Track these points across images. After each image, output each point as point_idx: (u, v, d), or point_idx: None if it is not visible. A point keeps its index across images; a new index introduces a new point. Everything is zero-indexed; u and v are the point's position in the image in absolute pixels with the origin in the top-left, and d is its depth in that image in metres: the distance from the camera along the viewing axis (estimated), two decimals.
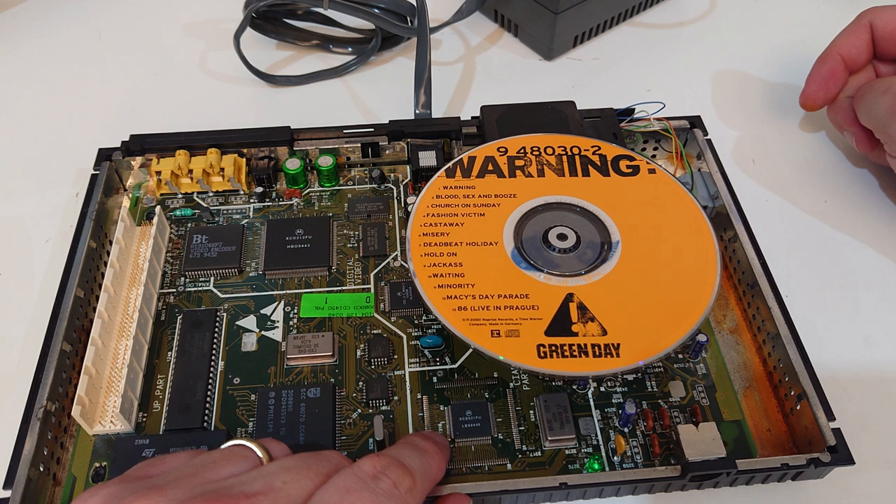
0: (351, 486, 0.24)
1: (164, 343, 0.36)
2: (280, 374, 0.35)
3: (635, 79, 0.52)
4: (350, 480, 0.24)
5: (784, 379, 0.33)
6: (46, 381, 0.32)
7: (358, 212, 0.41)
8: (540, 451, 0.32)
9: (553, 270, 0.34)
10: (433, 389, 0.34)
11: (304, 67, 0.53)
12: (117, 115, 0.49)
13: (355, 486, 0.24)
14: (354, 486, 0.24)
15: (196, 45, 0.55)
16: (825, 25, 0.57)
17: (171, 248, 0.40)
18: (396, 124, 0.43)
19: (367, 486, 0.24)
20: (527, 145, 0.39)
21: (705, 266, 0.34)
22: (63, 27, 0.57)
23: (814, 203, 0.44)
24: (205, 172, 0.41)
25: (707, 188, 0.41)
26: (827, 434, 0.31)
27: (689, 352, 0.35)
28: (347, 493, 0.24)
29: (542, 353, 0.31)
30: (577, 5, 0.50)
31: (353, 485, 0.24)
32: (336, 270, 0.39)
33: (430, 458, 0.28)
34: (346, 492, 0.24)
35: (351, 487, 0.24)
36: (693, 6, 0.58)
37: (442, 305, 0.32)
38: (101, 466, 0.32)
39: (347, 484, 0.24)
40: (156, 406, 0.34)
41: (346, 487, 0.24)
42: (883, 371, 0.36)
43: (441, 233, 0.35)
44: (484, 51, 0.55)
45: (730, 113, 0.49)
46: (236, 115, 0.49)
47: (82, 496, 0.23)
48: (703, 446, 0.31)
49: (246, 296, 0.38)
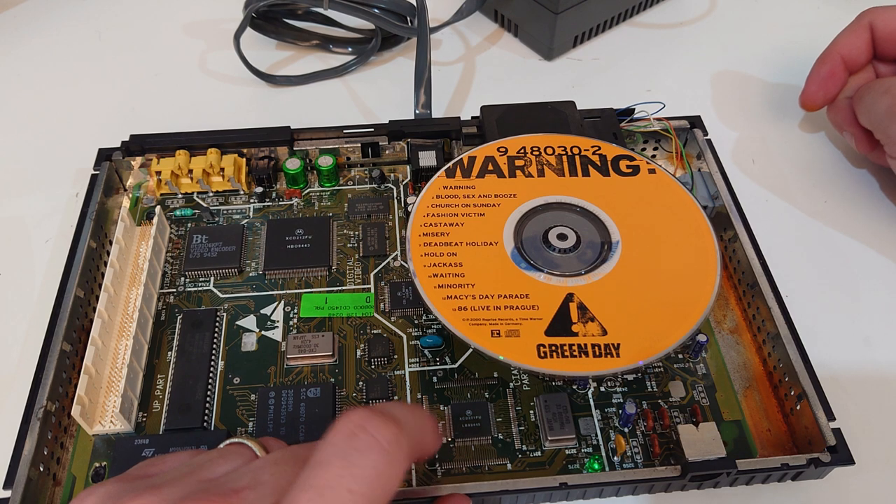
0: (321, 459, 0.21)
1: (164, 343, 0.36)
2: (280, 374, 0.35)
3: (635, 79, 0.52)
4: (323, 452, 0.22)
5: (784, 379, 0.33)
6: (46, 381, 0.32)
7: (358, 212, 0.41)
8: (540, 451, 0.32)
9: (553, 270, 0.34)
10: (433, 389, 0.34)
11: (304, 67, 0.53)
12: (117, 115, 0.49)
13: (326, 456, 0.21)
14: (325, 456, 0.21)
15: (196, 45, 0.55)
16: (825, 25, 0.57)
17: (171, 248, 0.40)
18: (396, 124, 0.43)
19: (338, 452, 0.21)
20: (527, 145, 0.39)
21: (705, 266, 0.34)
22: (63, 27, 0.57)
23: (814, 203, 0.44)
24: (205, 172, 0.41)
25: (707, 188, 0.41)
26: (827, 434, 0.31)
27: (689, 352, 0.35)
28: (316, 467, 0.21)
29: (542, 353, 0.31)
30: (577, 5, 0.50)
31: (324, 455, 0.21)
32: (336, 270, 0.39)
33: (419, 413, 0.25)
34: (315, 467, 0.21)
35: (321, 460, 0.21)
36: (693, 6, 0.58)
37: (442, 305, 0.32)
38: (100, 466, 0.32)
39: (319, 457, 0.21)
40: (156, 406, 0.34)
41: (316, 462, 0.21)
42: (883, 371, 0.36)
43: (441, 233, 0.35)
44: (484, 51, 0.55)
45: (730, 113, 0.49)
46: (236, 115, 0.49)
47: (80, 495, 0.23)
48: (703, 446, 0.31)
49: (246, 296, 0.38)
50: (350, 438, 0.22)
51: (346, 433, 0.22)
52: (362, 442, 0.22)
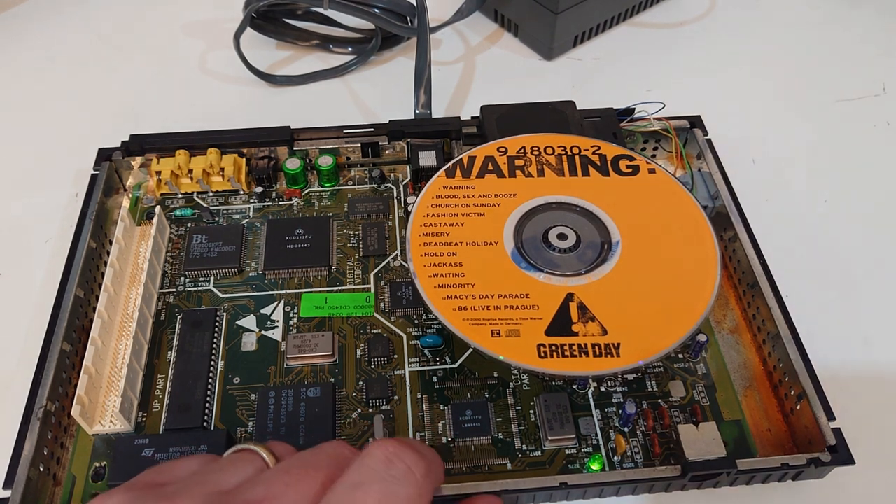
0: (360, 481, 0.22)
1: (164, 343, 0.36)
2: (280, 374, 0.35)
3: (635, 79, 0.52)
4: (359, 474, 0.22)
5: (784, 379, 0.33)
6: (46, 380, 0.32)
7: (358, 212, 0.41)
8: (540, 451, 0.32)
9: (553, 270, 0.34)
10: (433, 389, 0.34)
11: (304, 67, 0.53)
12: (117, 115, 0.49)
13: (365, 478, 0.22)
14: (364, 478, 0.22)
15: (196, 45, 0.55)
16: (825, 25, 0.57)
17: (171, 247, 0.40)
18: (396, 124, 0.43)
19: (377, 477, 0.22)
20: (527, 145, 0.39)
21: (705, 266, 0.34)
22: (63, 27, 0.57)
23: (814, 203, 0.44)
24: (205, 172, 0.41)
25: (707, 188, 0.41)
26: (827, 434, 0.31)
27: (689, 352, 0.35)
28: (355, 489, 0.22)
29: (543, 353, 0.31)
30: (577, 5, 0.50)
31: (363, 477, 0.22)
32: (336, 270, 0.39)
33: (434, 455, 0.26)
34: (353, 488, 0.22)
35: (359, 482, 0.22)
36: (693, 6, 0.58)
37: (442, 305, 0.32)
38: (100, 466, 0.32)
39: (356, 478, 0.22)
40: (155, 406, 0.34)
41: (353, 483, 0.22)
42: (883, 371, 0.36)
43: (441, 233, 0.35)
44: (484, 51, 0.55)
45: (730, 113, 0.49)
46: (236, 115, 0.49)
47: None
48: (703, 446, 0.31)
49: (246, 295, 0.38)
50: (388, 466, 0.23)
51: (383, 460, 0.23)
52: (400, 472, 0.23)
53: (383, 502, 0.22)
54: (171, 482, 0.24)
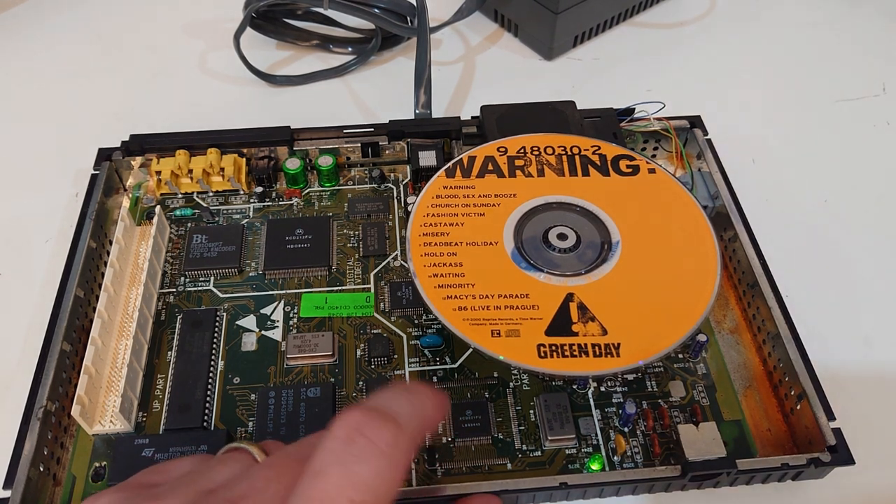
0: (319, 468, 0.21)
1: (164, 343, 0.36)
2: (280, 374, 0.35)
3: (635, 79, 0.52)
4: (319, 459, 0.21)
5: (784, 379, 0.33)
6: (46, 380, 0.32)
7: (358, 212, 0.41)
8: (540, 451, 0.32)
9: (553, 270, 0.34)
10: None
11: (304, 67, 0.53)
12: (117, 115, 0.49)
13: (324, 463, 0.21)
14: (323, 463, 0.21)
15: (196, 45, 0.55)
16: (825, 25, 0.57)
17: (171, 247, 0.40)
18: (396, 124, 0.43)
19: (335, 458, 0.21)
20: (527, 145, 0.39)
21: (705, 266, 0.34)
22: (63, 27, 0.57)
23: (814, 203, 0.44)
24: (205, 172, 0.41)
25: (707, 188, 0.41)
26: (827, 434, 0.31)
27: (689, 352, 0.35)
28: (315, 477, 0.21)
29: (543, 353, 0.31)
30: (577, 5, 0.50)
31: (322, 463, 0.21)
32: (336, 270, 0.39)
33: (419, 397, 0.24)
34: (313, 477, 0.21)
35: (319, 469, 0.21)
36: (693, 6, 0.58)
37: (442, 305, 0.32)
38: (100, 466, 0.32)
39: (316, 465, 0.21)
40: (155, 406, 0.34)
41: (314, 471, 0.21)
42: (883, 371, 0.36)
43: (441, 233, 0.35)
44: (484, 51, 0.55)
45: (730, 113, 0.49)
46: (236, 115, 0.49)
47: (85, 503, 0.23)
48: (703, 446, 0.31)
49: (246, 295, 0.38)
50: (348, 444, 0.21)
51: (343, 438, 0.21)
52: (360, 447, 0.21)
53: (345, 489, 0.20)
54: (163, 482, 0.24)
